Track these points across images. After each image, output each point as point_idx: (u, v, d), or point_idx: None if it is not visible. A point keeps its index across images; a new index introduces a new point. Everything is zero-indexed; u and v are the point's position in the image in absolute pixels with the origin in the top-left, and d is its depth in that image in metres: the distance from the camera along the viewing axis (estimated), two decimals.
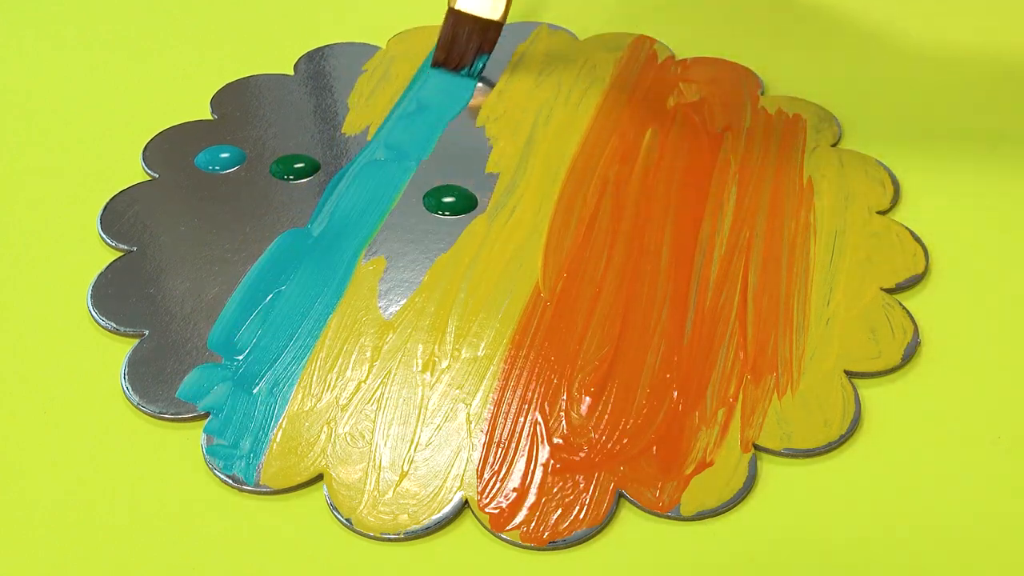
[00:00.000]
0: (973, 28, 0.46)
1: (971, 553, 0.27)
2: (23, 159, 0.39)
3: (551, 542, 0.27)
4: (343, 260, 0.35)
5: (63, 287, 0.34)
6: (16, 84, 0.43)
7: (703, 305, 0.33)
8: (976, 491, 0.28)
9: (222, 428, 0.29)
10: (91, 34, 0.46)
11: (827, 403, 0.30)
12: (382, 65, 0.43)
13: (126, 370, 0.31)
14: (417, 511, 0.28)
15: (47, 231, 0.36)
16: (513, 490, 0.28)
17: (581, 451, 0.29)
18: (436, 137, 0.40)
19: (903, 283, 0.34)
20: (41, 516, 0.28)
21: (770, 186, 0.37)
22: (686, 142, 0.39)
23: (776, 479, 0.28)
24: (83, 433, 0.30)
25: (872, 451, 0.29)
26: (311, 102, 0.42)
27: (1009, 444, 0.29)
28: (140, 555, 0.27)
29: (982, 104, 0.41)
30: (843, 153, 0.39)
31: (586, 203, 0.37)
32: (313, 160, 0.38)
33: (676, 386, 0.30)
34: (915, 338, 0.32)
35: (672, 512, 0.28)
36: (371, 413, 0.30)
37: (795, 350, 0.31)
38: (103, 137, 0.40)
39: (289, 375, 0.31)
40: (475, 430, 0.29)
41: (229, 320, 0.32)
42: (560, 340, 0.32)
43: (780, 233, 0.35)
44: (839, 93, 0.42)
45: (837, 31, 0.46)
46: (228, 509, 0.28)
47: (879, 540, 0.27)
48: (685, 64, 0.43)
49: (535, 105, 0.41)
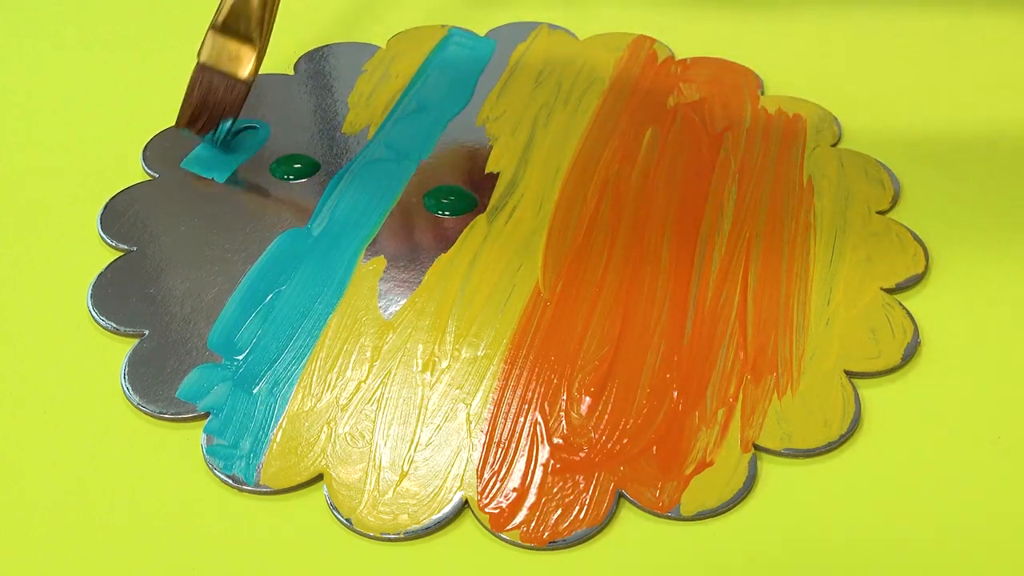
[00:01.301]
0: (973, 28, 0.46)
1: (971, 553, 0.27)
2: (23, 159, 0.39)
3: (551, 542, 0.27)
4: (343, 260, 0.35)
5: (63, 287, 0.34)
6: (16, 84, 0.43)
7: (703, 305, 0.33)
8: (976, 491, 0.28)
9: (222, 428, 0.29)
10: (91, 34, 0.46)
11: (827, 403, 0.30)
12: (382, 65, 0.43)
13: (126, 370, 0.31)
14: (417, 511, 0.28)
15: (47, 231, 0.36)
16: (513, 490, 0.28)
17: (581, 451, 0.29)
18: (436, 137, 0.40)
19: (903, 283, 0.34)
20: (41, 516, 0.28)
21: (770, 186, 0.37)
22: (686, 142, 0.39)
23: (776, 479, 0.28)
24: (83, 433, 0.30)
25: (872, 451, 0.29)
26: (311, 102, 0.42)
27: (1009, 444, 0.29)
28: (140, 555, 0.27)
29: (982, 104, 0.41)
30: (843, 153, 0.39)
31: (586, 203, 0.37)
32: (313, 160, 0.38)
33: (676, 386, 0.30)
34: (915, 338, 0.32)
35: (672, 512, 0.28)
36: (371, 413, 0.30)
37: (795, 350, 0.31)
38: (103, 137, 0.40)
39: (289, 375, 0.31)
40: (475, 430, 0.29)
41: (229, 320, 0.32)
42: (560, 340, 0.32)
43: (780, 233, 0.35)
44: (839, 93, 0.42)
45: (837, 31, 0.46)
46: (228, 509, 0.28)
47: (879, 540, 0.27)
48: (685, 64, 0.43)
49: (535, 105, 0.41)
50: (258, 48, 0.37)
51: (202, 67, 0.37)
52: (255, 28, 0.36)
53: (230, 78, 0.37)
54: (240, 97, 0.37)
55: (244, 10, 0.36)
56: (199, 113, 0.37)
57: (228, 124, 0.37)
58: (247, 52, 0.37)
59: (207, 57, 0.37)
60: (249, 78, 0.37)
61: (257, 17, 0.36)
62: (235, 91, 0.37)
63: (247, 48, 0.37)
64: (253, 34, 0.36)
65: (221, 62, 0.37)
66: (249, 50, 0.37)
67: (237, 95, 0.37)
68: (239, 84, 0.37)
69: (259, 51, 0.37)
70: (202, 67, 0.37)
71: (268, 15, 0.36)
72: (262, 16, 0.36)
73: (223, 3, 0.36)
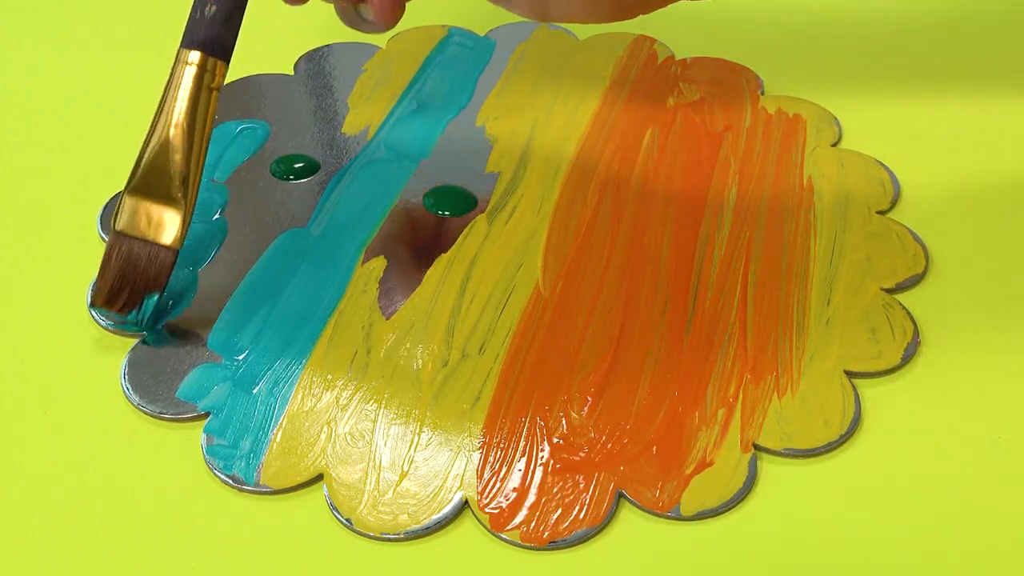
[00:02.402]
0: (973, 28, 0.45)
1: (971, 553, 0.27)
2: (23, 159, 0.39)
3: (551, 542, 0.27)
4: (343, 260, 0.34)
5: (63, 287, 0.34)
6: (16, 84, 0.43)
7: (703, 305, 0.33)
8: (976, 491, 0.28)
9: (222, 428, 0.29)
10: (91, 34, 0.46)
11: (827, 403, 0.30)
12: (382, 65, 0.43)
13: (126, 370, 0.31)
14: (417, 511, 0.28)
15: (47, 231, 0.36)
16: (513, 490, 0.28)
17: (581, 451, 0.29)
18: (436, 137, 0.40)
19: (903, 283, 0.34)
20: (41, 516, 0.28)
21: (770, 186, 0.37)
22: (686, 142, 0.39)
23: (776, 479, 0.28)
24: (83, 433, 0.30)
25: (872, 451, 0.29)
26: (311, 102, 0.42)
27: (1008, 444, 0.29)
28: (140, 555, 0.27)
29: (982, 104, 0.41)
30: (843, 153, 0.39)
31: (586, 203, 0.37)
32: (313, 160, 0.38)
33: (676, 386, 0.30)
34: (915, 338, 0.32)
35: (672, 512, 0.28)
36: (371, 413, 0.30)
37: (795, 350, 0.31)
38: (103, 137, 0.40)
39: (289, 375, 0.31)
40: (475, 430, 0.29)
41: (229, 320, 0.32)
42: (560, 340, 0.32)
43: (780, 233, 0.35)
44: (839, 93, 0.42)
45: (837, 31, 0.46)
46: (228, 509, 0.28)
47: (879, 540, 0.27)
48: (685, 64, 0.43)
49: (535, 105, 0.41)
50: (184, 208, 0.32)
51: (118, 235, 0.32)
52: (177, 188, 0.31)
53: (153, 245, 0.31)
54: (166, 267, 0.32)
55: (164, 168, 0.31)
56: (119, 289, 0.31)
57: (154, 300, 0.32)
58: (171, 215, 0.32)
59: (124, 224, 0.32)
60: (175, 244, 0.32)
61: (180, 174, 0.31)
62: (159, 260, 0.32)
63: (171, 210, 0.32)
64: (176, 194, 0.31)
65: (142, 228, 0.32)
66: (174, 212, 0.32)
67: (162, 264, 0.32)
68: (164, 251, 0.32)
69: (185, 211, 0.32)
70: (118, 235, 0.32)
71: (193, 169, 0.32)
72: (185, 173, 0.31)
73: (138, 162, 0.32)
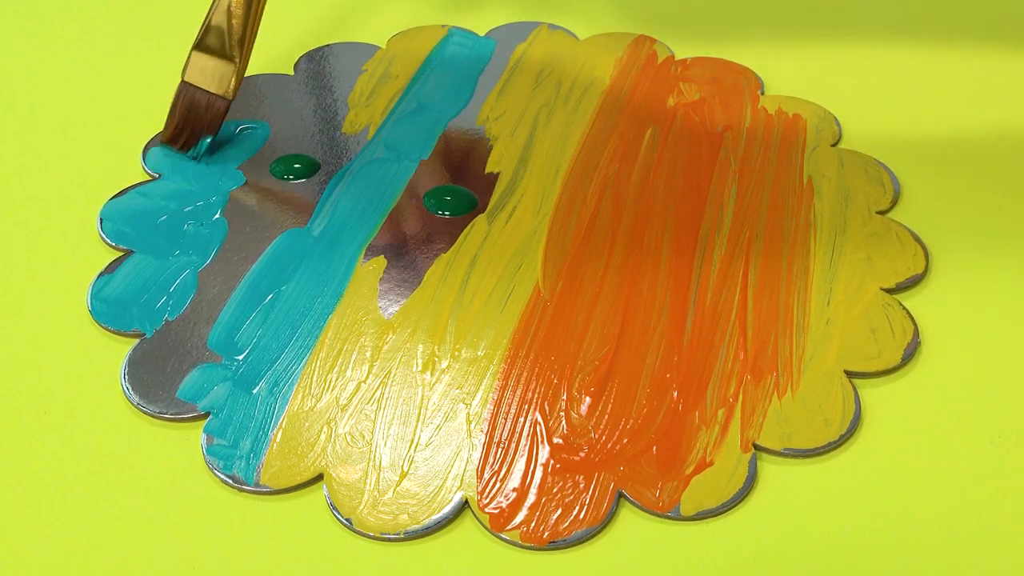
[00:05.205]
0: (973, 28, 0.46)
1: (971, 553, 0.27)
2: (23, 159, 0.39)
3: (551, 542, 0.27)
4: (343, 260, 0.35)
5: (63, 287, 0.34)
6: (16, 84, 0.43)
7: (703, 305, 0.33)
8: (976, 491, 0.28)
9: (222, 428, 0.29)
10: (91, 34, 0.46)
11: (827, 403, 0.30)
12: (382, 65, 0.43)
13: (126, 370, 0.31)
14: (417, 511, 0.28)
15: (47, 231, 0.36)
16: (513, 490, 0.28)
17: (581, 451, 0.29)
18: (436, 137, 0.40)
19: (903, 283, 0.34)
20: (41, 516, 0.28)
21: (770, 186, 0.37)
22: (686, 142, 0.39)
23: (776, 479, 0.28)
24: (83, 433, 0.30)
25: (872, 451, 0.29)
26: (311, 102, 0.42)
27: (1008, 444, 0.29)
28: (140, 555, 0.27)
29: (982, 104, 0.41)
30: (843, 153, 0.39)
31: (586, 203, 0.37)
32: (313, 160, 0.38)
33: (676, 386, 0.30)
34: (915, 338, 0.32)
35: (672, 512, 0.28)
36: (371, 413, 0.30)
37: (795, 350, 0.31)
38: (103, 137, 0.40)
39: (289, 375, 0.31)
40: (475, 430, 0.29)
41: (229, 320, 0.32)
42: (560, 340, 0.32)
43: (780, 233, 0.35)
44: (839, 93, 0.42)
45: (837, 31, 0.46)
46: (228, 509, 0.28)
47: (879, 540, 0.27)
48: (685, 64, 0.43)
49: (535, 105, 0.41)
50: (238, 66, 0.38)
51: (185, 85, 0.38)
52: (235, 47, 0.37)
53: (211, 95, 0.38)
54: (220, 114, 0.38)
55: (224, 29, 0.37)
56: (181, 129, 0.38)
57: (208, 140, 0.38)
58: (227, 70, 0.38)
59: (189, 75, 0.38)
60: (229, 95, 0.38)
61: (237, 36, 0.37)
62: (215, 108, 0.38)
63: (227, 66, 0.37)
64: (233, 52, 0.37)
65: (203, 80, 0.38)
66: (229, 68, 0.38)
67: (217, 112, 0.38)
68: (219, 101, 0.38)
69: (239, 69, 0.38)
70: (185, 85, 0.38)
71: (248, 34, 0.37)
72: (242, 35, 0.37)
73: (204, 23, 0.37)
